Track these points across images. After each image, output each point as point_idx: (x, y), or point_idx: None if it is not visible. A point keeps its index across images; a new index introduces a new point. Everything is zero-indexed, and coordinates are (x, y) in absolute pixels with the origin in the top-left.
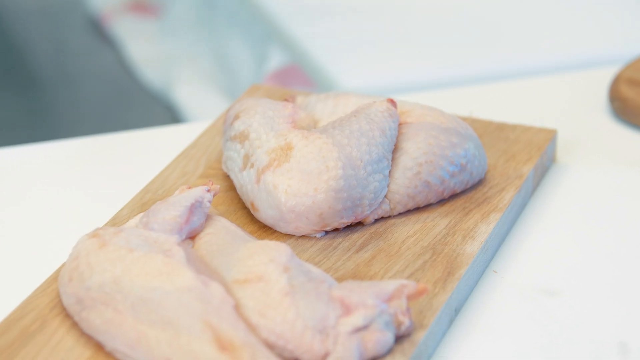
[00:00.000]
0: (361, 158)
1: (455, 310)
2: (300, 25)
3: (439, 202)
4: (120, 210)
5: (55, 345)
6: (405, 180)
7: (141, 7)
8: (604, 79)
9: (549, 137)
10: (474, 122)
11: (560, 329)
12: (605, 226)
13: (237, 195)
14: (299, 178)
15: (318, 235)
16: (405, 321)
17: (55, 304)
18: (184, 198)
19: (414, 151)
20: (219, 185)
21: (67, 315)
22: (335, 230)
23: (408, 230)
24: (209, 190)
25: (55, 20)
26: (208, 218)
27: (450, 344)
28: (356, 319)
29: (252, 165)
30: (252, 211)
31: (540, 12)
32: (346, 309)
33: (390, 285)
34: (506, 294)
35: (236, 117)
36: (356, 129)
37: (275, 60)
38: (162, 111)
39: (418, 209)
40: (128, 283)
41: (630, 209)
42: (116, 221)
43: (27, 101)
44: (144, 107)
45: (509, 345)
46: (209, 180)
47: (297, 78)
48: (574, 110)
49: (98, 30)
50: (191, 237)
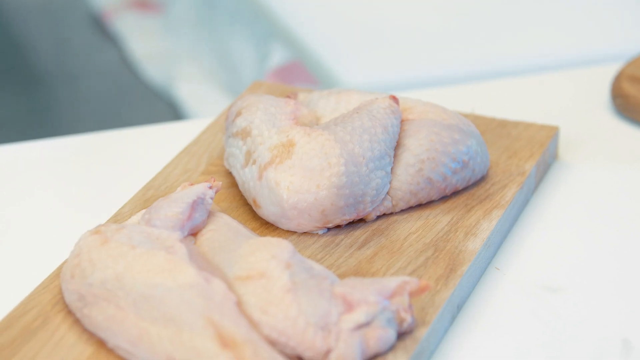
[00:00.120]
0: (363, 155)
1: (458, 307)
2: (302, 22)
3: (441, 199)
4: (123, 207)
5: (57, 342)
6: (407, 177)
7: (143, 4)
8: (606, 76)
9: (551, 134)
10: (476, 119)
11: (562, 326)
12: (608, 223)
13: (239, 192)
14: (301, 175)
15: (320, 232)
16: (408, 318)
17: (58, 301)
18: (186, 195)
19: (416, 148)
20: (221, 182)
21: (69, 312)
22: (338, 227)
23: (410, 227)
24: (211, 187)
25: (57, 17)
26: (210, 215)
27: (453, 341)
28: (358, 315)
29: (254, 162)
30: (254, 208)
31: (543, 9)
32: (348, 306)
33: (392, 282)
34: (508, 290)
35: (238, 114)
36: (358, 126)
37: (277, 57)
38: (164, 108)
39: (420, 206)
40: (130, 280)
41: (632, 205)
42: (118, 218)
43: (29, 98)
44: (146, 104)
45: (511, 342)
46: (211, 177)
47: (299, 75)
48: (576, 107)
49: (100, 27)
50: (193, 234)
